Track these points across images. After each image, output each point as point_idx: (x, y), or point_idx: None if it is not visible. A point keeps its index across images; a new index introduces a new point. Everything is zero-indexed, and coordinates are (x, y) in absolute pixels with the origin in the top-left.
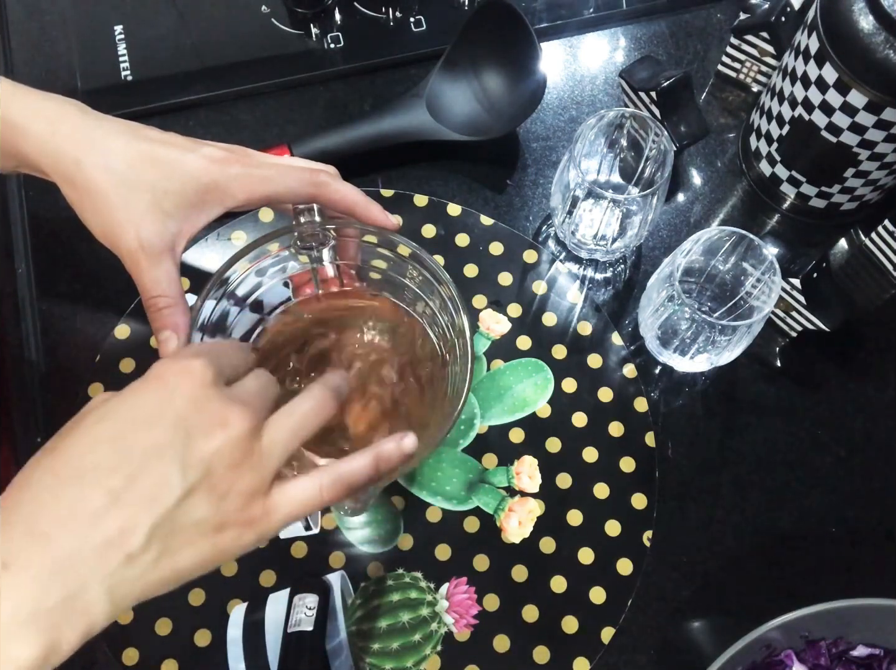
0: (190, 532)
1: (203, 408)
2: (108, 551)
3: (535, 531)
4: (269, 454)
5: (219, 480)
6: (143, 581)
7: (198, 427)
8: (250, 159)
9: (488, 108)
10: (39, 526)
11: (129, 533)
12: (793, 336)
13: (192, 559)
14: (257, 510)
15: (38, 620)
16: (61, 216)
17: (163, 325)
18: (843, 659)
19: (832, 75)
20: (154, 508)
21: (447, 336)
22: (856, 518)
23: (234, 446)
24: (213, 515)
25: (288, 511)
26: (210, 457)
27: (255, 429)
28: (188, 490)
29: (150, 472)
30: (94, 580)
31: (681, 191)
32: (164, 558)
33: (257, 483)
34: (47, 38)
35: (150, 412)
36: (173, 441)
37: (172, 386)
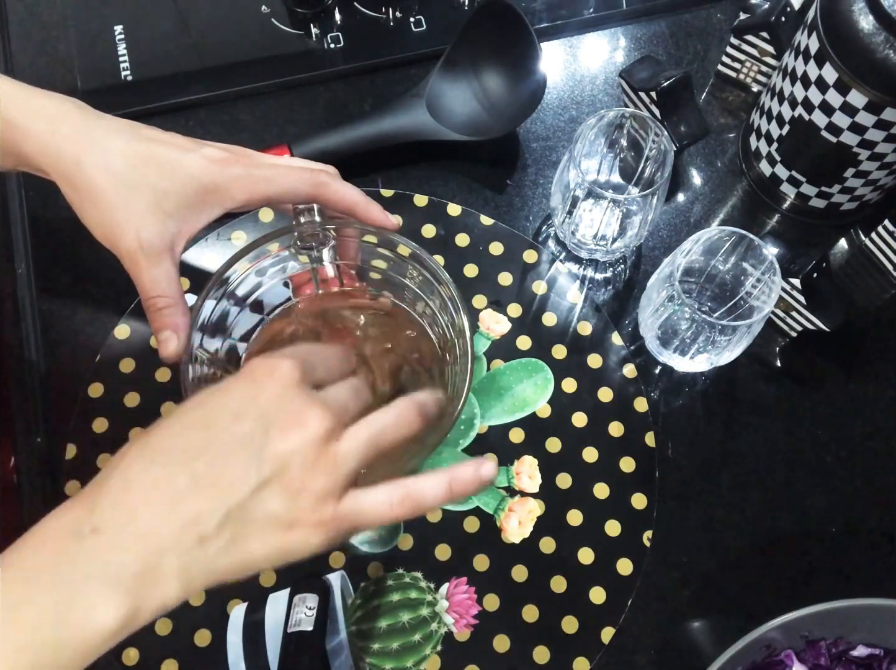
0: (261, 523)
1: (284, 407)
2: (184, 531)
3: (535, 531)
4: (344, 459)
5: (293, 478)
6: (212, 564)
7: (277, 424)
8: (250, 160)
9: (488, 108)
10: (128, 499)
11: (204, 516)
12: (793, 336)
13: (260, 550)
14: (328, 513)
15: (122, 584)
16: (61, 216)
17: (163, 325)
18: (843, 659)
19: (832, 75)
20: (229, 496)
21: (447, 336)
22: (856, 518)
23: (310, 446)
24: (285, 511)
25: (358, 519)
26: (286, 454)
27: (332, 432)
28: (262, 482)
29: (230, 461)
30: (169, 557)
31: (681, 191)
32: (235, 545)
33: (331, 485)
34: (47, 38)
35: (237, 405)
36: (254, 435)
37: (260, 382)
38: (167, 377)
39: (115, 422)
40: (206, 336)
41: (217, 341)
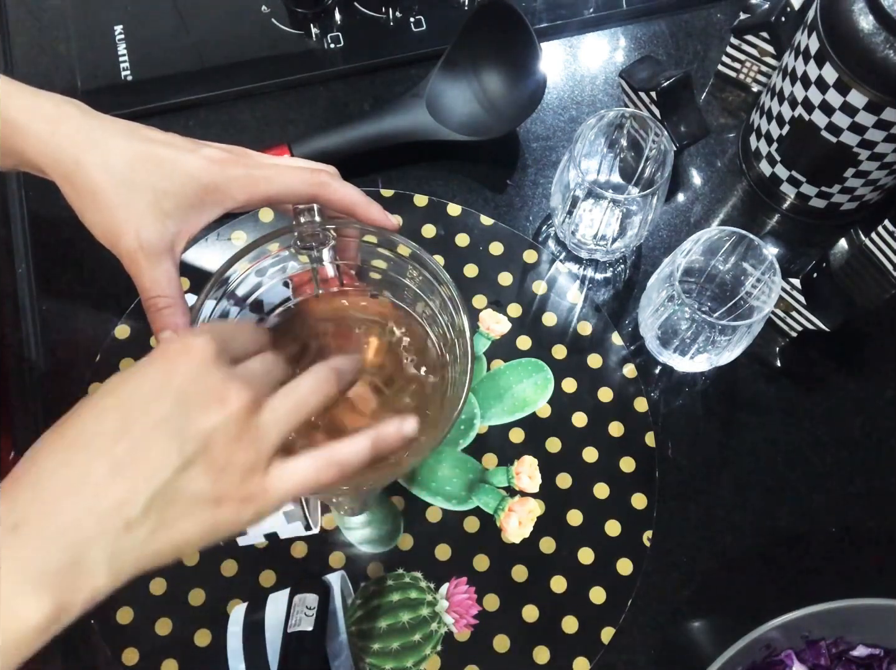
0: (188, 504)
1: (202, 384)
2: (108, 519)
3: (535, 531)
4: (266, 431)
5: (217, 454)
6: (141, 550)
7: (196, 402)
8: (250, 160)
9: (488, 108)
10: (46, 493)
11: (127, 502)
12: (793, 336)
13: (189, 531)
14: (255, 486)
15: (46, 580)
16: (61, 216)
17: (163, 325)
18: (843, 659)
19: (832, 75)
20: (152, 479)
21: (447, 336)
22: (856, 518)
23: (232, 421)
24: (211, 488)
25: (286, 488)
26: (208, 431)
27: (253, 405)
28: (186, 462)
29: (150, 444)
30: (95, 546)
31: (681, 191)
32: (162, 528)
33: (255, 459)
34: (47, 38)
35: (152, 387)
36: (173, 414)
37: (174, 362)
38: None
39: None
40: None
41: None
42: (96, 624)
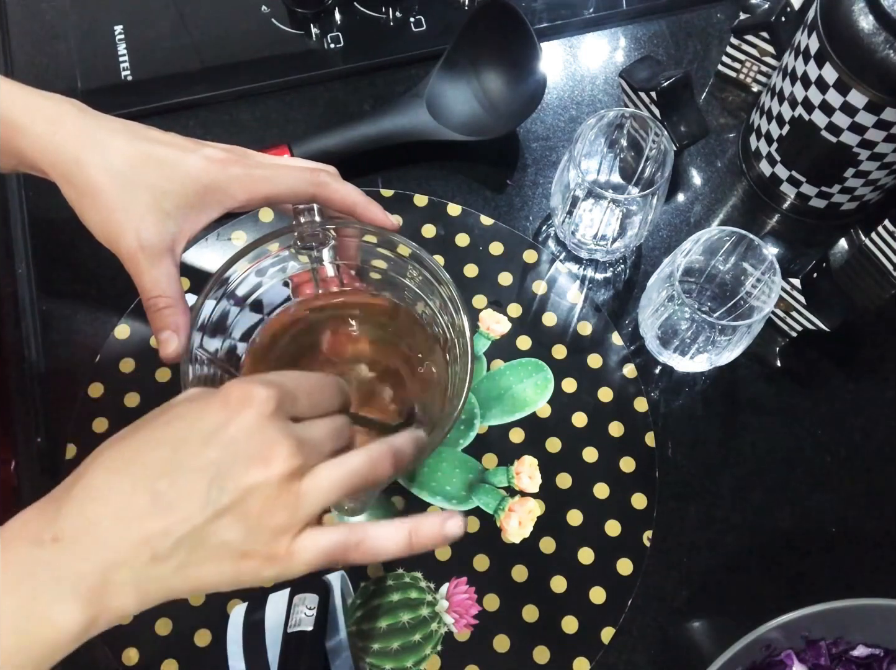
0: (214, 551)
1: (253, 439)
2: (138, 548)
3: (535, 531)
4: (305, 499)
5: (251, 511)
6: (165, 583)
7: (244, 455)
8: (250, 160)
9: (488, 108)
10: (90, 510)
11: (158, 538)
12: (793, 336)
13: (211, 576)
14: (282, 548)
15: (82, 593)
16: (61, 216)
17: (163, 326)
18: (843, 659)
19: (832, 75)
20: (185, 521)
21: (447, 336)
22: (856, 518)
23: (272, 483)
24: (239, 542)
25: (311, 558)
26: (247, 487)
27: (298, 471)
28: (219, 512)
29: (190, 486)
30: (125, 570)
31: (681, 191)
32: (186, 568)
33: (287, 523)
34: (47, 38)
35: (208, 429)
36: (219, 462)
37: (234, 409)
38: (167, 377)
39: (115, 422)
40: (206, 336)
41: (217, 341)
42: None
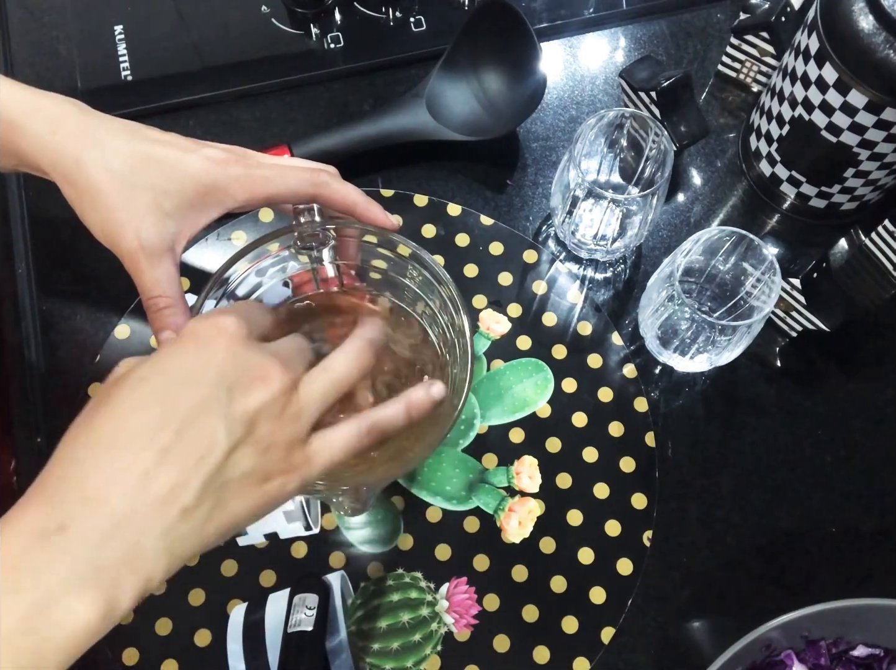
0: (239, 483)
1: (243, 364)
2: (163, 508)
3: (535, 531)
4: (307, 407)
5: (262, 433)
6: (199, 533)
7: (239, 382)
8: (250, 160)
9: (488, 108)
10: (92, 489)
11: (181, 488)
12: (793, 336)
13: (243, 508)
14: (299, 458)
15: (96, 578)
16: (61, 216)
17: (163, 326)
18: (843, 659)
19: (832, 75)
20: (204, 464)
21: (447, 336)
22: (856, 518)
23: (275, 400)
24: (259, 466)
25: (328, 456)
26: (253, 411)
27: (294, 383)
28: (234, 444)
29: (197, 429)
30: (151, 536)
31: (681, 191)
32: (217, 510)
33: (297, 433)
34: (47, 38)
35: (191, 370)
36: (217, 397)
37: (210, 343)
38: None
39: None
40: None
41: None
42: None
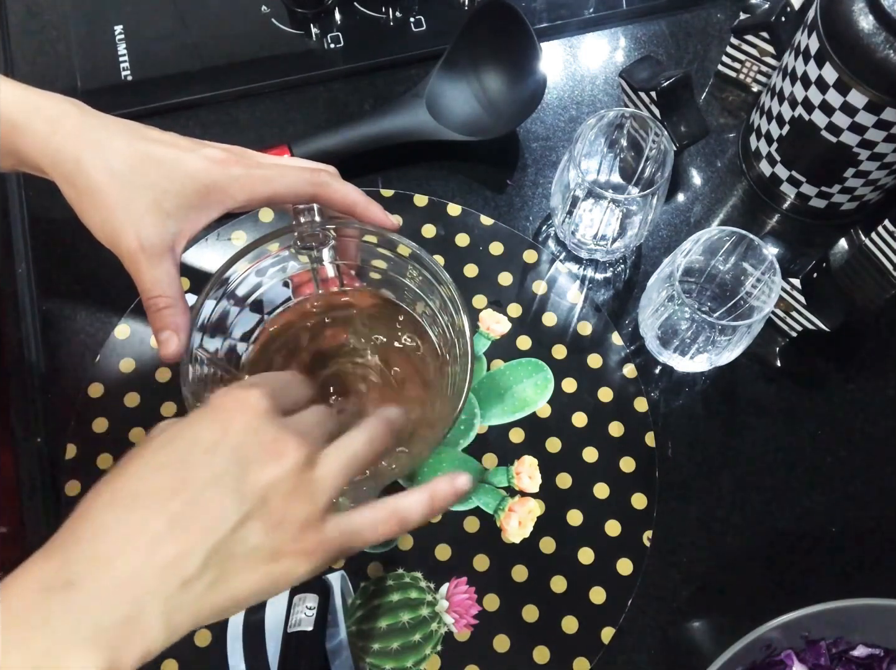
0: (245, 559)
1: (258, 439)
2: (165, 575)
3: (535, 531)
4: (322, 485)
5: (273, 510)
6: (198, 605)
7: (254, 457)
8: (250, 160)
9: (488, 108)
10: (102, 548)
11: (185, 558)
12: (793, 336)
13: (246, 586)
14: (312, 540)
15: (99, 638)
16: (61, 216)
17: (163, 326)
18: (843, 659)
19: (832, 75)
20: (210, 535)
21: (447, 336)
22: (856, 518)
23: (288, 477)
24: (268, 544)
25: (342, 543)
26: (265, 486)
27: (309, 460)
28: (243, 518)
29: (207, 500)
30: (151, 603)
31: (681, 191)
32: (220, 584)
33: (310, 513)
34: (47, 38)
35: (209, 441)
36: (230, 470)
37: (230, 415)
38: (167, 377)
39: (115, 422)
40: (206, 336)
41: (217, 341)
42: None
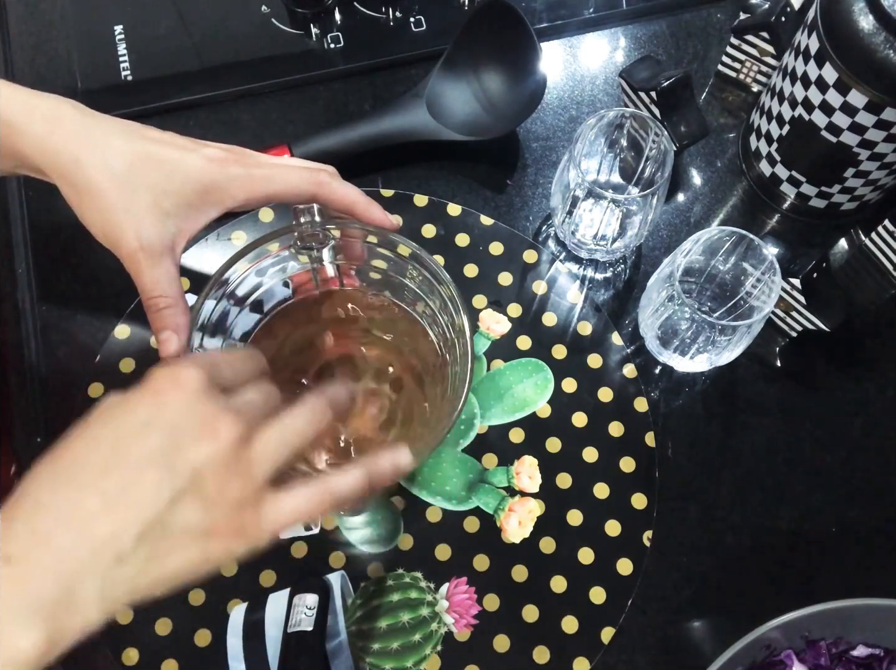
0: (179, 537)
1: (193, 416)
2: (100, 552)
3: (535, 531)
4: (258, 464)
5: (207, 487)
6: (133, 581)
7: (187, 435)
8: (250, 159)
9: (488, 108)
10: (40, 525)
11: (119, 535)
12: (793, 336)
13: (181, 563)
14: (247, 519)
15: (40, 612)
16: (61, 216)
17: (163, 326)
18: (843, 659)
19: (832, 75)
20: (143, 513)
21: (447, 336)
22: (856, 518)
23: (222, 454)
24: (202, 521)
25: (279, 521)
26: (198, 464)
27: (245, 437)
28: (176, 495)
29: (140, 477)
30: (88, 578)
31: (681, 191)
32: (154, 561)
33: (246, 492)
34: (47, 38)
35: (143, 419)
36: (163, 448)
37: (165, 394)
38: None
39: None
40: (206, 336)
41: (217, 341)
42: None
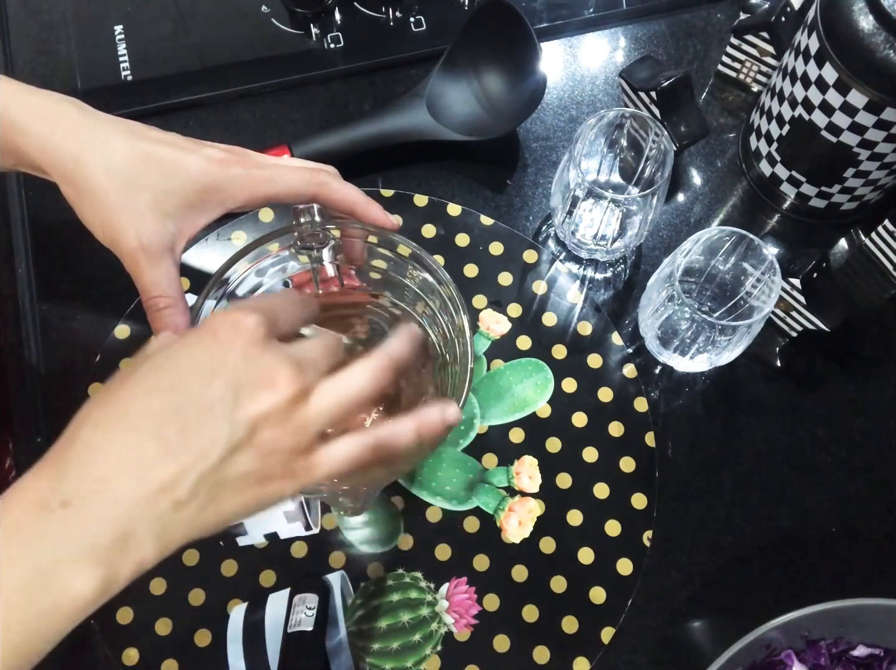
0: (234, 484)
1: (254, 367)
2: (158, 497)
3: (535, 531)
4: (314, 418)
5: (264, 439)
6: (188, 525)
7: (247, 386)
8: (250, 160)
9: (488, 108)
10: (96, 469)
11: (178, 482)
12: (793, 336)
13: (235, 507)
14: (300, 465)
15: (97, 556)
16: (61, 216)
17: (163, 326)
18: (843, 659)
19: (832, 75)
20: (202, 461)
21: (447, 336)
22: (856, 518)
23: (281, 408)
24: (258, 470)
25: (329, 468)
26: (256, 417)
27: (302, 392)
28: (234, 446)
29: (200, 426)
30: (144, 522)
31: (681, 191)
32: (210, 506)
33: (300, 443)
34: (47, 38)
35: (204, 366)
36: (224, 397)
37: (226, 341)
38: None
39: None
40: None
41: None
42: (96, 624)
